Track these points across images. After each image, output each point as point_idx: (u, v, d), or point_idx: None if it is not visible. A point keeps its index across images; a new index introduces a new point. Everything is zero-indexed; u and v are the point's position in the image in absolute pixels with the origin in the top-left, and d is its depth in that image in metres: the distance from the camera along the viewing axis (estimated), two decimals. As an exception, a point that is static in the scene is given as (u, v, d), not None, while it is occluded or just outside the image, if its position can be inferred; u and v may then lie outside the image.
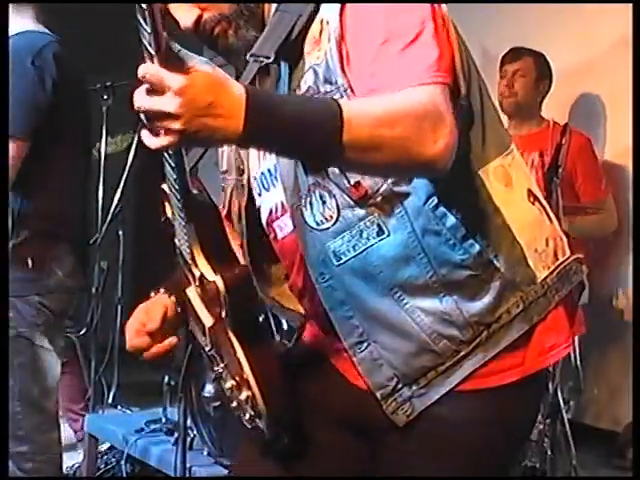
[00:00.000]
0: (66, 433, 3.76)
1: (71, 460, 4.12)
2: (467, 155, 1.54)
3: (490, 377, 1.55)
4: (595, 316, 4.26)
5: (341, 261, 1.56)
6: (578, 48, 4.61)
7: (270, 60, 1.51)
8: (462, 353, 1.54)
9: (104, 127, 4.49)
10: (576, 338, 3.73)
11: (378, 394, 1.59)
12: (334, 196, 1.54)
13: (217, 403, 3.31)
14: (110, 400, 4.81)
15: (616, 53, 4.47)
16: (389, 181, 1.50)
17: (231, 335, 1.58)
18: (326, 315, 1.62)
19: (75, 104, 2.96)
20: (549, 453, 3.62)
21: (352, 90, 1.47)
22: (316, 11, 1.52)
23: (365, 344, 1.59)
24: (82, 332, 4.62)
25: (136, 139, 4.45)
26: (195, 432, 3.63)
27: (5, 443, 2.62)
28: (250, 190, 1.73)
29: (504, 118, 4.00)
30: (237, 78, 1.52)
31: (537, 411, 1.75)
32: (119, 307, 4.96)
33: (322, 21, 1.51)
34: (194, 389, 3.83)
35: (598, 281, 4.39)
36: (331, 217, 1.55)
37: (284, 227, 1.66)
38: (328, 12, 1.50)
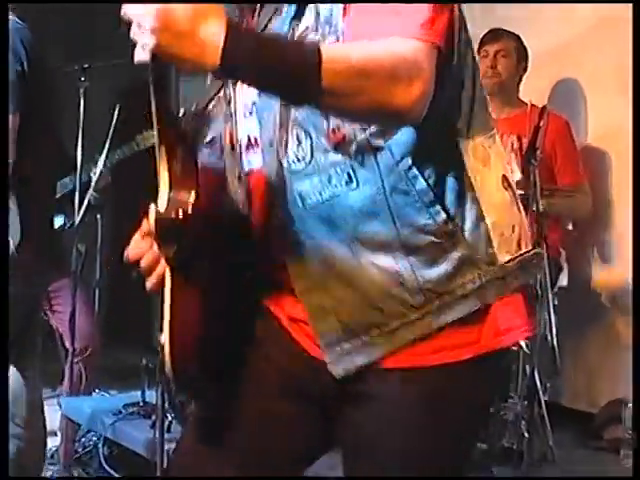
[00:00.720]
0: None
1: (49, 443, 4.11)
2: (453, 124, 1.54)
3: (445, 352, 1.55)
4: (572, 298, 4.28)
5: (307, 204, 1.56)
6: (556, 31, 4.61)
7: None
8: (409, 318, 1.53)
9: (81, 109, 4.45)
10: (553, 320, 3.75)
11: (321, 342, 1.59)
12: (310, 137, 1.53)
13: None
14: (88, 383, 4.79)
15: (595, 36, 4.47)
16: (367, 132, 1.50)
17: (166, 273, 1.56)
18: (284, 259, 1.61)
19: (42, 87, 3.02)
20: (526, 434, 3.64)
21: (348, 31, 1.48)
22: None
23: (316, 290, 1.58)
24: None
25: (114, 122, 4.44)
26: (173, 415, 3.63)
27: (5, 443, 2.63)
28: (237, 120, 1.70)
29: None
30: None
31: (493, 391, 1.75)
32: (97, 290, 4.95)
33: None
34: (172, 372, 3.83)
35: (576, 264, 4.41)
36: (303, 159, 1.55)
37: (253, 162, 1.65)
38: None
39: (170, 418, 3.62)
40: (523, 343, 3.26)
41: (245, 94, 1.64)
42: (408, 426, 1.58)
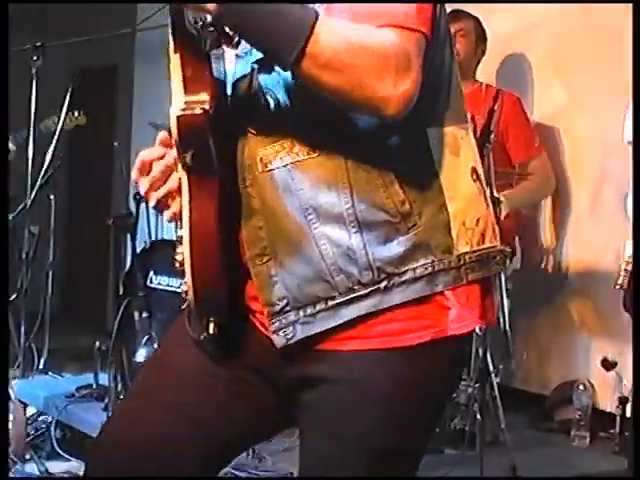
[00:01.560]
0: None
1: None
2: (427, 110, 1.53)
3: (398, 336, 1.54)
4: (524, 280, 4.32)
5: (266, 169, 1.54)
6: (508, 13, 4.63)
7: None
8: (356, 294, 1.53)
9: (34, 88, 4.40)
10: (506, 303, 3.79)
11: (266, 310, 1.58)
12: (278, 102, 1.53)
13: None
14: (41, 366, 4.77)
15: (545, 17, 4.50)
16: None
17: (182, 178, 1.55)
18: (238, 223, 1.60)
19: None
20: (478, 416, 3.67)
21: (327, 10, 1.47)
22: None
23: (266, 258, 1.57)
24: (12, 298, 4.57)
25: (66, 102, 4.40)
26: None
27: (5, 443, 2.60)
28: None
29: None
30: None
31: (450, 376, 1.74)
32: (50, 272, 4.91)
33: None
34: (125, 354, 3.82)
35: (528, 247, 4.45)
36: (270, 126, 1.55)
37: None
38: None
39: (123, 400, 3.60)
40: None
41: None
42: (363, 409, 1.57)
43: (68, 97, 4.39)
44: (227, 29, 1.53)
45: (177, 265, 1.64)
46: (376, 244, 1.52)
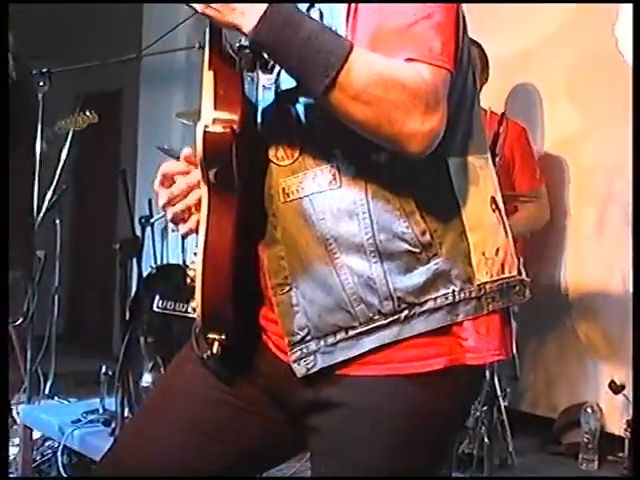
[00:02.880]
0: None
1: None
2: (446, 138, 1.52)
3: (414, 363, 1.53)
4: (532, 304, 4.30)
5: (288, 199, 1.55)
6: (514, 39, 4.64)
7: None
8: (376, 324, 1.53)
9: (40, 114, 4.41)
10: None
11: (287, 339, 1.58)
12: (301, 133, 1.55)
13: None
14: (47, 391, 4.75)
15: (553, 44, 4.51)
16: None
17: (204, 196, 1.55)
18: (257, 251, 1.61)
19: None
20: (486, 440, 3.66)
21: (350, 39, 1.47)
22: None
23: (287, 287, 1.58)
24: (18, 322, 4.56)
25: (72, 128, 4.41)
26: (133, 422, 3.59)
27: (5, 439, 2.59)
28: None
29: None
30: None
31: (464, 404, 1.72)
32: (56, 297, 4.91)
33: None
34: (131, 379, 3.81)
35: (536, 270, 4.44)
36: (292, 156, 1.55)
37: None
38: None
39: (130, 425, 3.59)
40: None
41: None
42: (375, 434, 1.57)
43: (80, 103, 4.42)
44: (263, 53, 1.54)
45: (189, 281, 1.64)
46: (397, 274, 1.52)
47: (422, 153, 1.43)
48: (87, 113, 4.73)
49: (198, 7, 1.44)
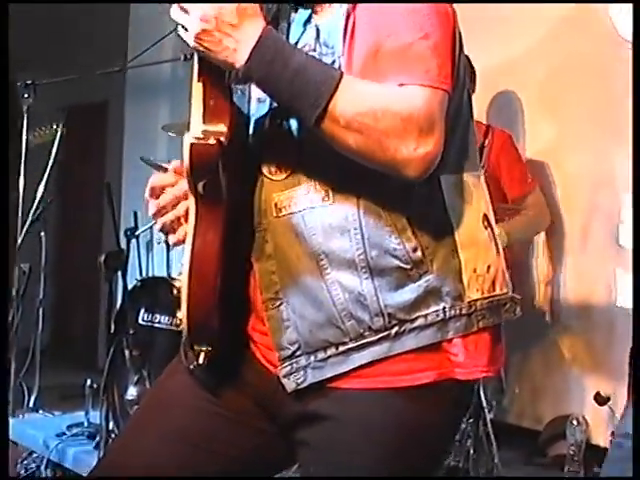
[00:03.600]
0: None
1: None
2: (443, 159, 1.52)
3: (403, 376, 1.54)
4: (518, 318, 4.30)
5: (280, 214, 1.56)
6: (496, 48, 4.65)
7: None
8: (367, 340, 1.53)
9: (24, 125, 4.41)
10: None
11: (277, 354, 1.58)
12: (294, 148, 1.55)
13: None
14: (31, 404, 4.73)
15: (535, 53, 4.52)
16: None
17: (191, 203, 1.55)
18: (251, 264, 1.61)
19: None
20: (472, 452, 3.66)
21: (346, 58, 1.50)
22: None
23: (278, 302, 1.58)
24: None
25: (58, 138, 4.40)
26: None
27: (5, 443, 2.58)
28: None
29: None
30: None
31: (456, 417, 1.73)
32: (41, 309, 4.89)
33: None
34: (116, 392, 3.80)
35: (519, 281, 4.44)
36: (286, 171, 1.56)
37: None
38: None
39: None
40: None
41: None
42: (364, 447, 1.56)
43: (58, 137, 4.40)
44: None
45: (175, 292, 1.64)
46: (387, 290, 1.52)
47: (420, 177, 1.44)
48: (53, 126, 4.69)
49: (191, 42, 1.45)
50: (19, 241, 4.32)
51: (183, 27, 1.46)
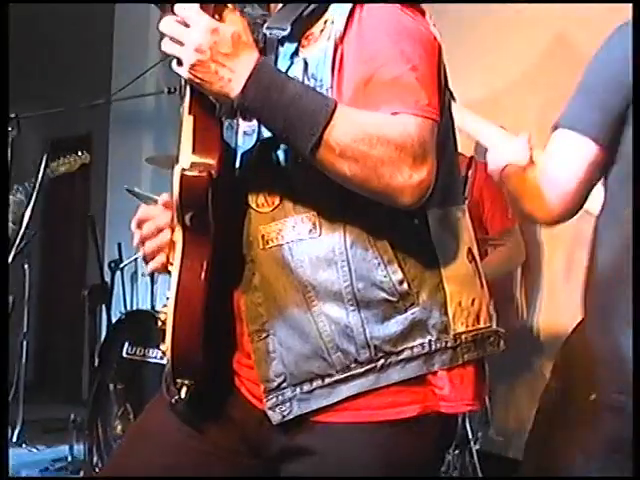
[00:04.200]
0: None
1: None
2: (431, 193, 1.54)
3: (387, 410, 1.53)
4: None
5: (267, 246, 1.56)
6: (483, 81, 4.68)
7: (285, 32, 1.55)
8: (352, 372, 1.53)
9: (9, 159, 4.40)
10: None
11: (262, 386, 1.58)
12: (282, 184, 1.55)
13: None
14: (14, 438, 4.69)
15: (521, 86, 4.56)
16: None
17: (177, 236, 1.55)
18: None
19: None
20: (458, 484, 3.64)
21: (335, 90, 1.50)
22: (324, 10, 1.56)
23: (264, 334, 1.58)
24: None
25: (41, 171, 4.40)
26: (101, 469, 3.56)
27: (5, 442, 2.55)
28: None
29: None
30: None
31: (440, 449, 1.73)
32: (24, 342, 4.86)
33: (326, 21, 1.55)
34: (100, 426, 3.77)
35: (505, 313, 4.45)
36: (272, 203, 1.56)
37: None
38: (334, 13, 1.55)
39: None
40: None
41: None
42: None
43: (43, 165, 4.39)
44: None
45: (159, 324, 1.64)
46: (374, 322, 1.52)
47: (414, 205, 1.45)
48: (79, 154, 4.71)
49: (185, 74, 1.45)
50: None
51: (177, 59, 1.46)
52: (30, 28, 6.29)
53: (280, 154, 1.56)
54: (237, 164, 1.62)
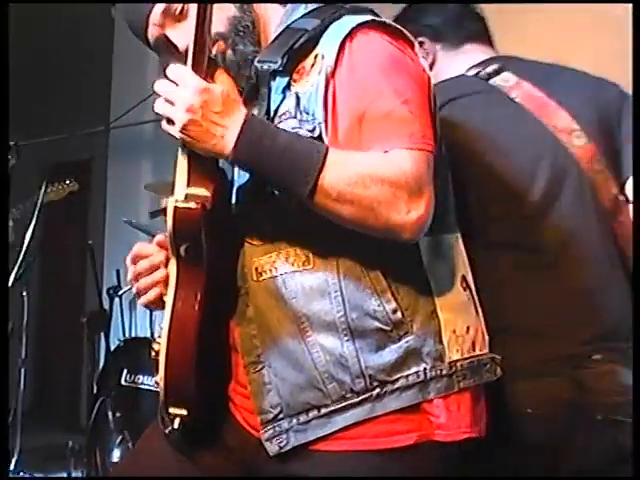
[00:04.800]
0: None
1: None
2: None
3: (383, 439, 1.54)
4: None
5: (261, 278, 1.57)
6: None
7: (277, 65, 1.57)
8: (348, 402, 1.53)
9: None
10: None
11: (259, 418, 1.58)
12: (276, 219, 1.56)
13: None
14: (12, 466, 4.67)
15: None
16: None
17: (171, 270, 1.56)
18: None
19: None
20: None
21: (329, 124, 1.52)
22: (315, 44, 1.58)
23: (260, 366, 1.58)
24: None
25: (40, 199, 4.40)
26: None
27: (5, 442, 2.54)
28: None
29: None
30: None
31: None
32: (22, 370, 4.85)
33: (317, 56, 1.56)
34: (99, 453, 3.76)
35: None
36: (266, 236, 1.57)
37: None
38: (325, 47, 1.56)
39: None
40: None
41: None
42: None
43: (42, 193, 4.39)
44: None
45: (153, 354, 1.64)
46: (368, 352, 1.53)
47: (415, 239, 1.47)
48: (66, 182, 4.72)
49: (177, 134, 1.47)
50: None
51: (168, 120, 1.47)
52: (29, 55, 6.32)
53: (274, 189, 1.56)
54: (233, 197, 1.64)
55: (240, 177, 1.63)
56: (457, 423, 1.57)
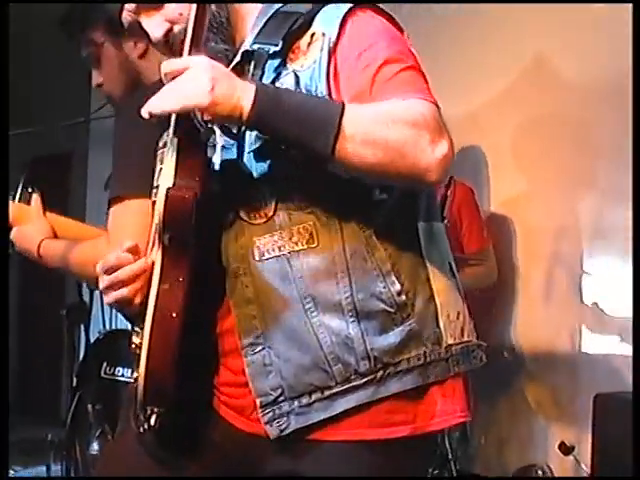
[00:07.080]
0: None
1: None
2: (415, 202, 1.59)
3: (381, 429, 1.54)
4: (483, 367, 4.31)
5: (263, 258, 1.55)
6: (460, 101, 4.70)
7: (278, 47, 1.56)
8: (353, 383, 1.53)
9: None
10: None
11: (258, 400, 1.57)
12: (277, 198, 1.55)
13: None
14: (-9, 459, 4.65)
15: (499, 106, 4.58)
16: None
17: (156, 259, 1.54)
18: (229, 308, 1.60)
19: None
20: (438, 503, 3.64)
21: (330, 98, 1.52)
22: (309, 25, 1.58)
23: (260, 347, 1.57)
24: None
25: (19, 190, 4.37)
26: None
27: (5, 442, 2.53)
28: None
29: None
30: None
31: (424, 470, 1.74)
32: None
33: (314, 34, 1.56)
34: (78, 446, 3.75)
35: (486, 333, 4.44)
36: (266, 215, 1.55)
37: None
38: (324, 25, 1.56)
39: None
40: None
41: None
42: None
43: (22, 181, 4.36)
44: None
45: (133, 347, 1.62)
46: (373, 333, 1.53)
47: (439, 182, 1.46)
48: (28, 189, 4.65)
49: (206, 99, 1.40)
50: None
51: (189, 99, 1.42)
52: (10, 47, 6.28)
53: (273, 165, 1.55)
54: (220, 178, 1.61)
55: (225, 156, 1.59)
56: (453, 407, 1.60)
